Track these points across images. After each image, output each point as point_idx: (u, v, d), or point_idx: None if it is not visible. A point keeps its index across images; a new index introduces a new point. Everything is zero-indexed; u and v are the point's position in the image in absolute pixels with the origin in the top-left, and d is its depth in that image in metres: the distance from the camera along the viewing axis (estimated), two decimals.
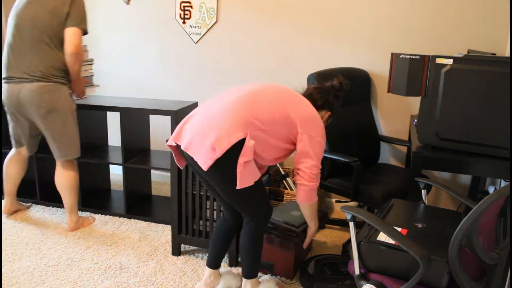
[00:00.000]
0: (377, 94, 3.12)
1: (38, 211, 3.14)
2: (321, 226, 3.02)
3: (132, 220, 3.05)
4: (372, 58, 3.07)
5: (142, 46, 3.64)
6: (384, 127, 3.16)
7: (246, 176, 1.82)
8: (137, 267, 2.45)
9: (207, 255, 2.24)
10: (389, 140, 3.03)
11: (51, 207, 3.21)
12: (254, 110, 1.86)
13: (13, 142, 2.87)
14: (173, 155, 2.10)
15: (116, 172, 4.08)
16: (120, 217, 3.08)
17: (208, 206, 2.51)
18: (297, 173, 1.96)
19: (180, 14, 3.46)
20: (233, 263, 2.48)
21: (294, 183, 3.37)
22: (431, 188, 2.78)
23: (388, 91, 2.22)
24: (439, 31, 2.90)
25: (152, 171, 3.90)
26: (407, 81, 2.13)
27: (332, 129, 2.73)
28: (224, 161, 1.80)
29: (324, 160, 2.72)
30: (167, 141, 2.44)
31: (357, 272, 1.67)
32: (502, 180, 2.66)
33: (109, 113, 3.93)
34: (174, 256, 2.58)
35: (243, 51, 3.37)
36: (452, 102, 2.07)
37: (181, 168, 2.15)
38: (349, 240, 2.76)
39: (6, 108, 2.70)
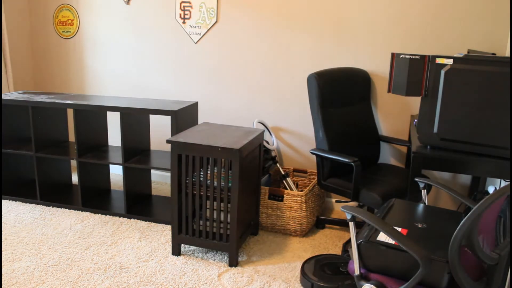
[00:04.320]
0: (377, 94, 3.12)
1: (38, 211, 3.14)
2: (321, 226, 3.02)
3: (132, 220, 3.05)
4: (372, 58, 3.07)
5: (142, 46, 3.64)
6: (384, 127, 3.16)
7: None
8: (137, 267, 2.45)
9: None
10: (389, 140, 3.02)
11: (51, 207, 3.21)
12: None
13: None
14: None
15: (116, 172, 4.08)
16: (120, 217, 3.08)
17: (208, 206, 2.51)
18: None
19: (180, 14, 3.46)
20: (233, 263, 2.48)
21: (294, 183, 3.37)
22: (431, 188, 2.78)
23: (388, 91, 2.22)
24: (439, 31, 2.90)
25: (152, 171, 3.90)
26: (407, 81, 2.13)
27: (332, 129, 2.73)
28: None
29: (324, 160, 2.72)
30: (167, 141, 2.44)
31: (357, 272, 1.67)
32: (502, 180, 2.66)
33: (109, 113, 3.93)
34: (174, 256, 2.58)
35: (243, 51, 3.37)
36: (452, 102, 2.06)
37: None
38: (349, 240, 2.76)
39: None
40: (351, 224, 1.68)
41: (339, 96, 2.80)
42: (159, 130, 3.79)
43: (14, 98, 3.10)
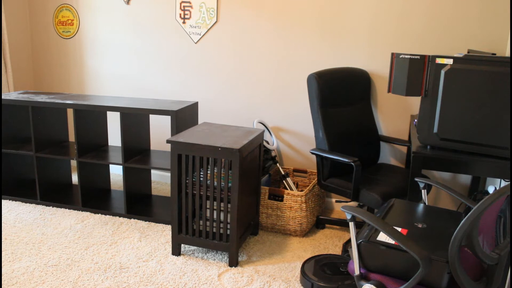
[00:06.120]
0: (377, 94, 3.12)
1: (38, 211, 3.14)
2: (321, 226, 3.02)
3: (132, 220, 3.05)
4: (372, 58, 3.07)
5: (142, 46, 3.64)
6: (384, 127, 3.16)
7: None
8: (137, 267, 2.45)
9: None
10: (389, 140, 3.02)
11: (51, 207, 3.21)
12: None
13: None
14: None
15: (116, 172, 4.08)
16: (120, 217, 3.08)
17: (208, 206, 2.51)
18: None
19: (180, 14, 3.46)
20: (233, 263, 2.48)
21: (294, 183, 3.37)
22: (431, 188, 2.78)
23: (388, 91, 2.22)
24: (439, 31, 2.90)
25: (152, 171, 3.90)
26: (407, 81, 2.13)
27: (332, 129, 2.73)
28: None
29: (324, 160, 2.72)
30: (167, 141, 2.44)
31: (357, 272, 1.67)
32: (502, 180, 2.66)
33: (109, 113, 3.93)
34: (174, 256, 2.58)
35: (243, 51, 3.37)
36: (452, 102, 2.07)
37: None
38: (349, 240, 2.76)
39: None
40: (351, 224, 1.68)
41: (339, 96, 2.80)
42: (159, 130, 3.79)
43: (14, 98, 3.10)
